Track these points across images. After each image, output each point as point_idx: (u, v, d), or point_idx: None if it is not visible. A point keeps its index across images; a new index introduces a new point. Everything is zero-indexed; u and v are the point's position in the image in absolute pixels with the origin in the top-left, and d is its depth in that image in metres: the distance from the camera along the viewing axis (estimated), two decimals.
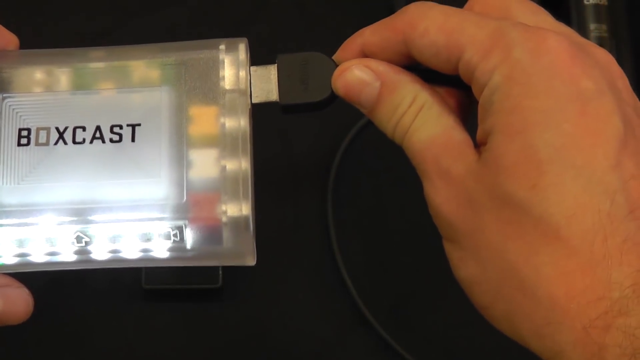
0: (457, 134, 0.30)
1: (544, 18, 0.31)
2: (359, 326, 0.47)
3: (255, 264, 0.34)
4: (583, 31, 0.49)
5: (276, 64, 0.34)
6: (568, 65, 0.28)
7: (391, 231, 0.49)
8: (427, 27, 0.30)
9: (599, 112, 0.28)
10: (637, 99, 0.30)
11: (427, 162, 0.30)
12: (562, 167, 0.27)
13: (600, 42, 0.49)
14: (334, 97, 0.33)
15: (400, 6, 0.51)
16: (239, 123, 0.33)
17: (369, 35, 0.32)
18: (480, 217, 0.29)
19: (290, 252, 0.48)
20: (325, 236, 0.48)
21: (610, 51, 0.48)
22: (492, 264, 0.28)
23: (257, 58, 0.54)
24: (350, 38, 0.33)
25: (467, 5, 0.32)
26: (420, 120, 0.31)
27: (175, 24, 0.54)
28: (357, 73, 0.32)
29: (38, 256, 0.33)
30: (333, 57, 0.34)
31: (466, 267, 0.29)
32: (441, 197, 0.30)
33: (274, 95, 0.34)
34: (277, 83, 0.34)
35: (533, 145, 0.27)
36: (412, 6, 0.31)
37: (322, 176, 0.49)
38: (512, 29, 0.29)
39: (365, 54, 0.32)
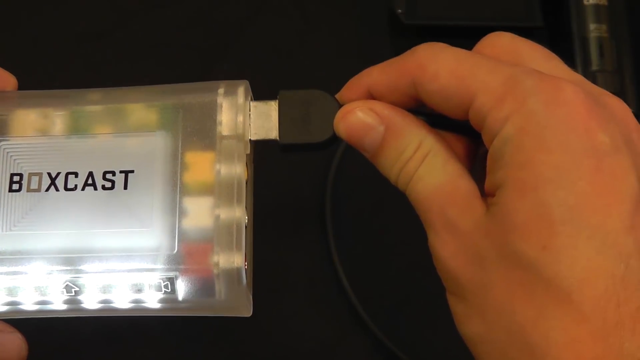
0: (464, 184, 0.29)
1: (556, 64, 0.30)
2: (357, 329, 0.46)
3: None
4: (583, 31, 0.49)
5: (277, 100, 0.33)
6: (584, 118, 0.27)
7: (389, 234, 0.49)
8: (437, 71, 0.29)
9: (615, 169, 0.26)
10: None
11: (432, 212, 0.29)
12: (576, 228, 0.26)
13: (600, 42, 0.49)
14: (336, 138, 0.32)
15: (400, 7, 0.52)
16: (235, 170, 0.31)
17: (377, 75, 0.31)
18: (488, 274, 0.27)
19: (288, 255, 0.48)
20: (323, 239, 0.48)
21: (610, 51, 0.48)
22: (499, 324, 0.27)
23: (257, 58, 0.54)
24: (356, 77, 0.32)
25: (475, 49, 0.31)
26: (425, 168, 0.29)
27: (175, 24, 0.54)
28: (360, 116, 0.30)
29: (28, 305, 0.32)
30: (337, 96, 0.32)
31: (471, 324, 0.28)
32: (448, 250, 0.28)
33: (273, 133, 0.32)
34: (277, 121, 0.32)
35: (546, 203, 0.26)
36: (422, 47, 0.30)
37: (321, 179, 0.49)
38: (527, 76, 0.27)
39: (371, 95, 0.31)
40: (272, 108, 0.33)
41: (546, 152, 0.26)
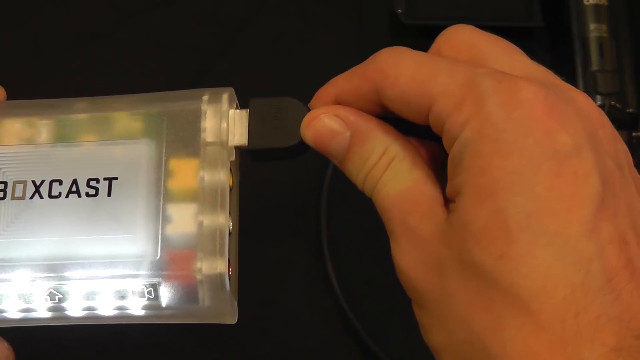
0: (427, 190, 0.28)
1: (517, 57, 0.29)
2: (347, 336, 0.46)
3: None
4: (583, 31, 0.49)
5: (248, 109, 0.33)
6: (543, 119, 0.26)
7: (383, 239, 0.49)
8: (397, 76, 0.28)
9: (576, 171, 0.25)
10: (620, 145, 0.28)
11: (394, 219, 0.28)
12: (534, 235, 0.25)
13: (600, 42, 0.49)
14: (305, 145, 0.31)
15: (400, 7, 0.52)
16: (219, 177, 0.31)
17: (342, 83, 0.30)
18: (448, 284, 0.26)
19: (280, 261, 0.48)
20: (317, 245, 0.48)
21: (610, 51, 0.48)
22: (459, 334, 0.26)
23: (257, 58, 0.54)
24: (324, 86, 0.31)
25: (434, 46, 0.30)
26: (389, 174, 0.29)
27: (175, 24, 0.54)
28: (326, 122, 0.30)
29: (12, 312, 0.32)
30: (309, 105, 0.32)
31: (434, 334, 0.27)
32: (407, 259, 0.28)
33: (244, 140, 0.32)
34: (247, 128, 0.32)
35: (503, 210, 0.25)
36: (383, 52, 0.29)
37: (316, 186, 0.49)
38: (485, 78, 0.27)
39: (339, 103, 0.30)
40: (244, 116, 0.33)
41: (504, 157, 0.26)
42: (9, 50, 0.53)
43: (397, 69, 0.28)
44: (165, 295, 0.31)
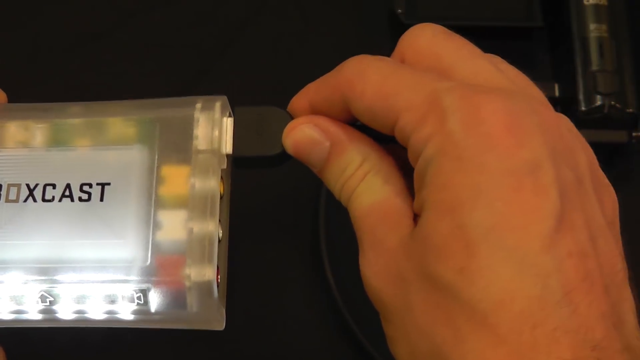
0: (397, 203, 0.29)
1: (481, 64, 0.29)
2: (344, 337, 0.46)
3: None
4: (583, 31, 0.49)
5: (232, 117, 0.33)
6: (504, 135, 0.26)
7: None
8: (363, 90, 0.28)
9: (535, 186, 0.26)
10: (583, 154, 0.28)
11: (363, 229, 0.29)
12: (492, 250, 0.25)
13: (600, 42, 0.49)
14: (288, 154, 0.32)
15: (400, 7, 0.52)
16: (210, 184, 0.32)
17: (313, 92, 0.31)
18: (409, 296, 0.27)
19: (279, 262, 0.48)
20: (315, 247, 0.48)
21: (610, 51, 0.48)
22: (421, 346, 0.27)
23: (257, 58, 0.54)
24: (298, 94, 0.32)
25: (397, 49, 0.30)
26: (364, 186, 0.29)
27: (175, 24, 0.54)
28: (307, 131, 0.30)
29: (4, 314, 0.32)
30: (287, 109, 0.32)
31: (399, 345, 0.28)
32: (372, 270, 0.28)
33: (229, 147, 0.33)
34: (231, 135, 0.33)
35: (462, 225, 0.25)
36: (350, 63, 0.30)
37: (314, 188, 0.49)
38: (447, 94, 0.27)
39: (313, 110, 0.31)
40: (229, 125, 0.33)
41: (464, 174, 0.26)
42: (9, 50, 0.53)
43: (363, 82, 0.28)
44: (155, 300, 0.31)
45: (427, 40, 0.30)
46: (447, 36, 0.30)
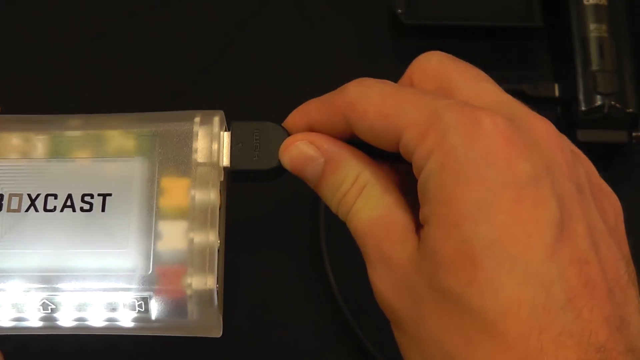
0: (399, 216, 0.30)
1: (484, 86, 0.30)
2: (345, 338, 0.46)
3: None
4: (583, 31, 0.49)
5: (230, 131, 0.34)
6: (504, 149, 0.27)
7: None
8: (365, 110, 0.30)
9: (535, 198, 0.27)
10: (581, 166, 0.29)
11: (369, 245, 0.30)
12: (497, 261, 0.26)
13: (600, 42, 0.49)
14: (284, 168, 0.33)
15: (400, 7, 0.52)
16: (209, 196, 0.33)
17: (314, 112, 0.32)
18: (421, 307, 0.28)
19: (279, 263, 0.48)
20: (315, 247, 0.48)
21: (610, 51, 0.48)
22: (433, 354, 0.28)
23: (257, 58, 0.54)
24: (296, 110, 0.33)
25: (407, 73, 0.32)
26: (362, 201, 0.30)
27: (174, 24, 0.54)
28: (302, 148, 0.32)
29: (4, 321, 0.33)
30: (283, 124, 0.34)
31: (411, 354, 0.29)
32: (384, 284, 0.29)
33: (227, 161, 0.34)
34: (229, 149, 0.34)
35: (467, 239, 0.27)
36: (352, 85, 0.31)
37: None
38: (447, 110, 0.28)
39: (312, 128, 0.32)
40: (226, 138, 0.34)
41: (466, 188, 0.27)
42: (8, 50, 0.53)
43: (365, 102, 0.30)
44: (155, 308, 0.32)
45: (435, 63, 0.31)
46: (453, 61, 0.31)
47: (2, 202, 0.33)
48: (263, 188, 0.48)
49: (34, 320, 0.33)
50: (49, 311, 0.32)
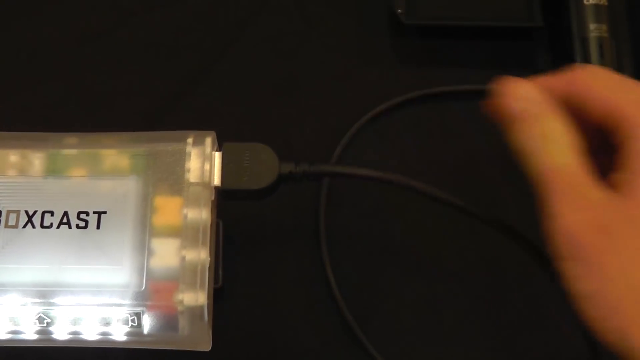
0: (587, 165, 0.33)
1: None
2: (345, 338, 0.47)
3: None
4: (583, 31, 0.49)
5: (221, 152, 0.36)
6: None
7: (381, 243, 0.49)
8: (591, 85, 0.34)
9: None
10: None
11: (560, 183, 0.32)
12: None
13: (600, 42, 0.49)
14: (273, 188, 0.36)
15: (400, 7, 0.52)
16: (201, 215, 0.34)
17: (539, 79, 0.35)
18: (614, 241, 0.31)
19: (279, 263, 0.48)
20: (316, 247, 0.48)
21: (610, 51, 0.48)
22: (618, 281, 0.31)
23: (257, 58, 0.54)
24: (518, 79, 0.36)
25: (568, 82, 0.35)
26: (555, 146, 0.33)
27: (175, 24, 0.54)
28: (511, 90, 0.34)
29: (1, 333, 0.34)
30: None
31: (585, 282, 0.31)
32: (573, 219, 0.32)
33: (218, 180, 0.35)
34: (220, 169, 0.35)
35: None
36: (578, 67, 0.35)
37: (315, 188, 0.49)
38: None
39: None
40: (217, 159, 0.36)
41: None
42: (9, 50, 0.53)
43: (593, 79, 0.34)
44: (148, 323, 0.34)
45: (603, 74, 0.35)
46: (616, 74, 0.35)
47: (0, 218, 0.34)
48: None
49: (29, 333, 0.34)
50: (45, 325, 0.33)
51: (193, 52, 0.53)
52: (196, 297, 0.33)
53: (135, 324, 0.33)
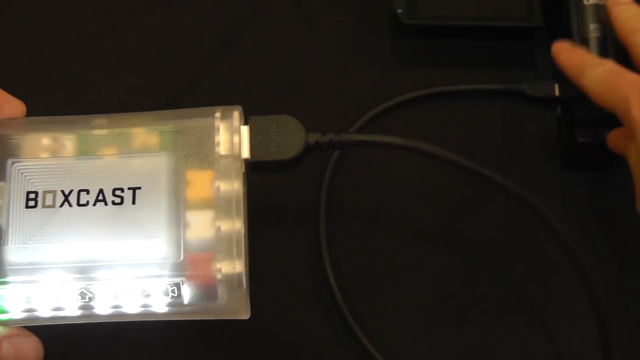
0: None
1: None
2: (345, 337, 0.47)
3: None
4: (583, 31, 0.49)
5: (248, 125, 0.37)
6: None
7: (381, 242, 0.49)
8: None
9: None
10: None
11: None
12: None
13: (600, 42, 0.49)
14: (300, 157, 0.37)
15: (400, 7, 0.52)
16: (233, 186, 0.35)
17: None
18: None
19: (279, 261, 0.48)
20: (316, 245, 0.49)
21: (610, 51, 0.48)
22: None
23: (257, 58, 0.54)
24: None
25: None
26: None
27: (175, 24, 0.54)
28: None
29: (44, 311, 0.35)
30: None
31: None
32: None
33: (247, 153, 0.37)
34: (248, 142, 0.36)
35: None
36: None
37: (315, 186, 0.49)
38: None
39: None
40: (244, 132, 0.37)
41: None
42: (8, 50, 0.53)
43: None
44: (187, 293, 0.35)
45: None
46: None
47: (37, 199, 0.35)
48: (263, 188, 0.48)
49: (72, 310, 0.35)
50: (87, 300, 0.35)
51: (193, 52, 0.54)
52: (233, 266, 0.34)
53: (176, 295, 0.34)
